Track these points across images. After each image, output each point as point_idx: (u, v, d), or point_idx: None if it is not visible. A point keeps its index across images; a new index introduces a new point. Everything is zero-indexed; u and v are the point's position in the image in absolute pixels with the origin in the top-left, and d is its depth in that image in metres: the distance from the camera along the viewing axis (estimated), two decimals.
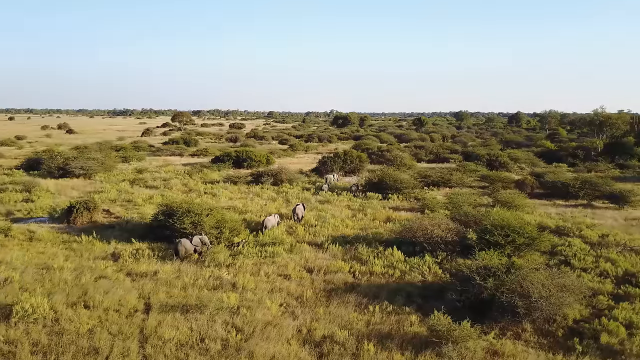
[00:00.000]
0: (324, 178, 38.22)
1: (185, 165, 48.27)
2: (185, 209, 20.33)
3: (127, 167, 46.23)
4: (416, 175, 39.45)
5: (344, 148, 74.90)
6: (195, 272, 16.81)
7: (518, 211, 25.97)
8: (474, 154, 53.41)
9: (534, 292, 12.72)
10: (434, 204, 26.99)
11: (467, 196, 28.45)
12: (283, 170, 36.85)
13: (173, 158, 57.68)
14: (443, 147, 60.31)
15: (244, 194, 32.11)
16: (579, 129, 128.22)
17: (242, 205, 27.77)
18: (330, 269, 17.01)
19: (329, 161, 42.00)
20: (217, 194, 31.37)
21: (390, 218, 24.88)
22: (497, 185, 35.78)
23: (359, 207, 27.74)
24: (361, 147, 61.85)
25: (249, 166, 46.49)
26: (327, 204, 28.84)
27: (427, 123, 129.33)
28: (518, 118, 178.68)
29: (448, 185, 36.29)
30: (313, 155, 64.54)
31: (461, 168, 43.04)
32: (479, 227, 19.74)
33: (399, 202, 29.75)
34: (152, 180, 37.43)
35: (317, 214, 25.67)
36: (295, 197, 30.70)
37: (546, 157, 54.68)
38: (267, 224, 22.09)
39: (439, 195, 33.10)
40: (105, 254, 18.85)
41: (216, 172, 43.19)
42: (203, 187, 34.05)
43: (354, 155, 43.26)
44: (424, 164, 52.79)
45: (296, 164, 52.27)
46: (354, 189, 32.89)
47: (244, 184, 36.10)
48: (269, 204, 28.71)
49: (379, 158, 53.12)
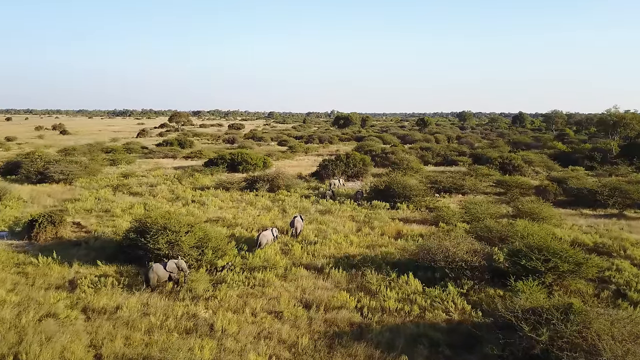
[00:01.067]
0: (327, 184, 35.07)
1: (177, 169, 45.16)
2: (161, 226, 17.17)
3: (114, 171, 43.09)
4: (425, 180, 36.34)
5: (345, 150, 71.81)
6: (167, 307, 13.64)
7: (545, 223, 22.88)
8: (485, 156, 50.19)
9: (605, 348, 9.55)
10: (450, 215, 23.79)
11: (485, 206, 25.25)
12: (280, 175, 33.69)
13: (165, 161, 54.54)
14: (450, 149, 57.08)
15: (235, 203, 28.93)
16: (586, 129, 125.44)
17: (232, 217, 24.59)
18: (332, 303, 13.83)
19: (330, 165, 38.83)
20: (205, 202, 28.21)
21: (401, 233, 21.69)
22: (515, 191, 32.62)
23: (365, 219, 24.57)
24: (364, 149, 58.64)
25: (244, 170, 43.34)
26: (328, 214, 25.67)
27: (430, 123, 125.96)
28: (522, 118, 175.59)
29: (460, 192, 33.12)
30: (313, 157, 61.38)
31: (473, 172, 39.86)
32: (509, 249, 16.56)
33: (409, 213, 26.55)
34: (137, 186, 34.29)
35: (317, 228, 22.50)
36: (293, 206, 27.52)
37: (560, 159, 51.46)
38: (262, 240, 18.96)
39: (452, 204, 29.97)
40: (62, 281, 15.70)
41: (208, 176, 40.09)
42: (191, 195, 30.89)
43: (357, 158, 40.10)
44: (431, 167, 49.60)
45: (295, 167, 49.13)
46: (359, 196, 29.73)
47: (237, 191, 32.95)
48: (262, 214, 25.54)
49: (383, 161, 49.96)
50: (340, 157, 39.65)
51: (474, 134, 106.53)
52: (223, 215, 24.78)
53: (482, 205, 25.10)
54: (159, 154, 59.00)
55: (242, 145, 72.68)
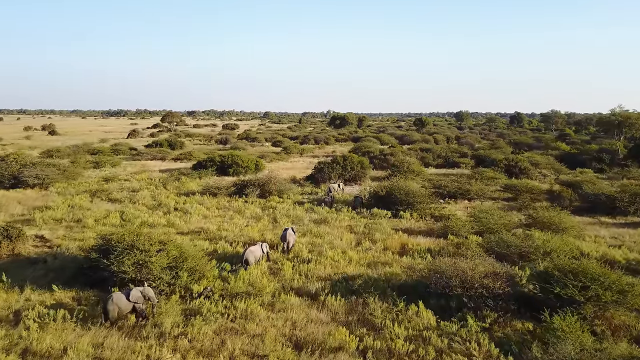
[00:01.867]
0: (327, 188, 32.55)
1: (164, 172, 42.62)
2: (128, 244, 14.65)
3: (96, 175, 40.47)
4: (427, 183, 33.96)
5: (342, 150, 69.39)
6: (125, 349, 11.14)
7: (564, 234, 20.53)
8: (488, 158, 47.83)
9: None
10: (459, 226, 21.33)
11: (497, 214, 22.83)
12: (272, 180, 31.17)
13: (153, 163, 51.93)
14: (451, 151, 54.69)
15: (222, 211, 26.41)
16: (586, 129, 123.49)
17: (217, 228, 22.06)
18: (328, 343, 11.35)
19: (325, 168, 36.35)
20: (189, 210, 25.67)
21: (406, 248, 19.22)
22: (525, 197, 30.28)
23: (364, 230, 22.09)
24: (361, 150, 56.17)
25: (234, 173, 40.81)
26: (324, 224, 23.18)
27: (428, 123, 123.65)
28: (520, 118, 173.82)
29: (467, 197, 30.71)
30: (309, 158, 58.93)
31: (478, 175, 37.45)
32: (536, 271, 14.14)
33: (414, 222, 24.09)
34: (118, 192, 31.72)
35: (311, 241, 20.01)
36: (285, 214, 25.00)
37: (566, 161, 49.15)
38: (250, 257, 16.49)
39: (459, 210, 27.58)
40: (6, 312, 13.17)
41: (196, 180, 37.56)
42: (175, 202, 28.34)
43: (355, 160, 37.63)
44: (432, 169, 47.23)
45: (289, 170, 46.65)
46: (357, 203, 27.28)
47: (225, 197, 30.44)
48: (251, 225, 23.02)
49: (381, 163, 47.54)
50: (337, 160, 37.17)
51: (472, 134, 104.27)
52: (206, 226, 22.24)
53: (494, 214, 22.67)
54: (147, 156, 56.39)
55: (234, 146, 70.12)
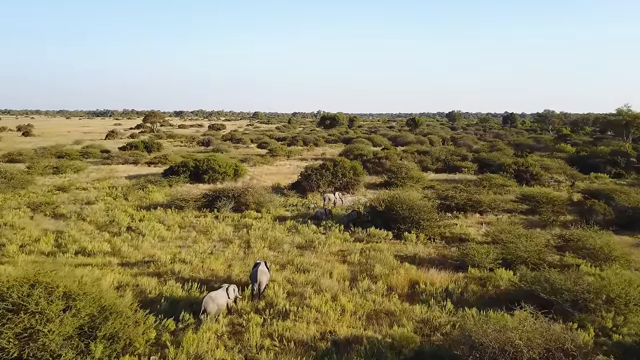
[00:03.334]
0: (322, 198, 27.98)
1: (132, 178, 37.68)
2: (14, 303, 9.83)
3: (52, 182, 35.42)
4: (430, 193, 29.52)
5: (332, 152, 64.75)
6: None
7: (614, 264, 16.13)
8: (492, 161, 43.46)
9: None
10: (481, 255, 16.68)
11: (522, 235, 18.34)
12: (249, 190, 26.40)
13: (123, 167, 46.87)
14: (451, 153, 50.23)
15: (185, 231, 21.61)
16: (582, 129, 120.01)
17: (172, 257, 17.27)
18: None
19: (313, 174, 31.65)
20: (143, 231, 20.84)
21: (418, 288, 14.56)
22: (546, 209, 25.89)
23: (361, 259, 17.39)
24: (353, 153, 51.55)
25: (210, 180, 35.99)
26: (309, 250, 18.48)
27: (421, 124, 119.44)
28: (513, 118, 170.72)
29: (478, 210, 26.20)
30: (296, 162, 54.19)
31: (486, 182, 33.02)
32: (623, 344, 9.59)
33: (421, 246, 19.43)
34: (68, 205, 26.82)
35: (290, 278, 15.27)
36: (261, 236, 20.20)
37: (576, 164, 44.81)
38: (210, 307, 11.95)
39: (471, 227, 23.09)
40: None
41: (165, 188, 32.74)
42: (130, 218, 23.49)
43: (346, 165, 32.94)
44: (431, 174, 42.72)
45: (274, 175, 41.93)
46: (351, 219, 22.66)
47: (193, 210, 25.67)
48: (217, 251, 18.25)
49: (376, 167, 42.97)
50: (326, 165, 32.47)
51: (468, 134, 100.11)
52: (158, 255, 17.41)
53: (520, 236, 18.14)
54: (118, 159, 51.25)
55: (216, 149, 65.19)
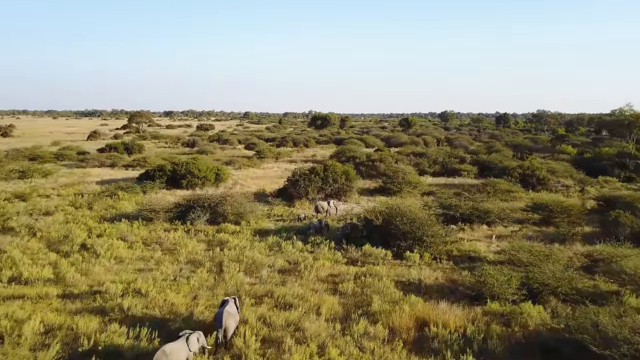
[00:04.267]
0: (314, 207, 25.02)
1: (105, 183, 34.38)
2: None
3: (13, 188, 32.07)
4: (431, 200, 26.67)
5: (323, 154, 61.71)
6: None
7: None
8: (495, 165, 40.73)
9: None
10: (500, 284, 13.69)
11: (550, 261, 15.47)
12: (228, 199, 23.29)
13: (98, 171, 43.53)
14: (449, 155, 47.36)
15: (149, 249, 18.48)
16: (577, 129, 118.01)
17: (125, 286, 14.12)
18: None
19: (301, 180, 28.63)
20: (99, 250, 17.67)
21: (427, 331, 11.57)
22: (562, 219, 23.11)
23: (355, 288, 14.33)
24: (345, 155, 48.64)
25: (188, 185, 32.86)
26: (294, 276, 15.42)
27: (414, 124, 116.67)
28: (506, 118, 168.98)
29: (485, 221, 23.30)
30: (285, 164, 51.10)
31: (490, 188, 30.18)
32: None
33: (426, 269, 16.43)
34: (23, 215, 23.60)
35: (267, 317, 12.19)
36: (236, 258, 17.07)
37: (582, 167, 42.14)
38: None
39: (479, 242, 20.22)
40: None
41: (138, 195, 29.60)
42: (88, 233, 20.30)
43: (338, 170, 29.92)
44: (428, 178, 39.83)
45: (259, 179, 38.85)
46: (346, 230, 19.70)
47: (164, 222, 22.56)
48: (181, 278, 15.13)
49: (369, 170, 40.06)
50: (316, 170, 29.43)
51: (462, 135, 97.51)
52: (110, 284, 14.28)
53: (548, 262, 15.24)
54: (94, 162, 47.82)
55: (201, 150, 61.94)
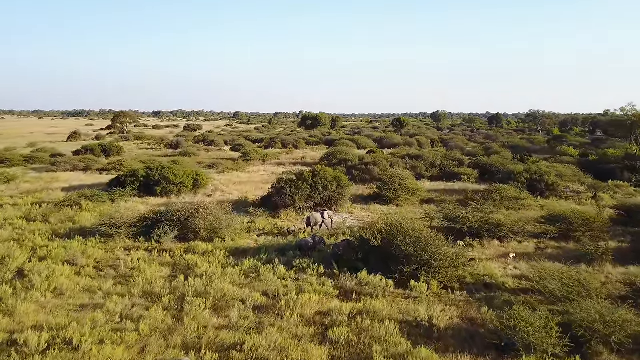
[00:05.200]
0: (305, 222, 22.02)
1: (73, 190, 31.03)
2: None
3: None
4: (429, 207, 23.81)
5: (313, 156, 58.62)
6: None
7: None
8: (498, 168, 37.95)
9: None
10: (539, 334, 10.66)
11: (595, 295, 12.56)
12: (201, 211, 20.10)
13: (69, 175, 40.12)
14: (447, 158, 44.45)
15: (100, 277, 15.28)
16: (571, 129, 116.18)
17: (53, 334, 10.93)
18: None
19: (287, 187, 25.53)
20: (35, 279, 14.43)
21: None
22: (583, 233, 20.28)
23: (350, 336, 11.27)
24: (336, 157, 45.64)
25: (163, 192, 29.66)
26: (272, 315, 12.33)
27: (407, 124, 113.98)
28: (499, 118, 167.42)
29: (497, 236, 20.38)
30: (272, 167, 47.96)
31: (496, 195, 27.30)
32: None
33: (436, 303, 13.41)
34: None
35: None
36: (202, 289, 13.84)
37: (588, 170, 39.48)
38: None
39: (492, 262, 17.28)
40: None
41: (105, 205, 26.40)
42: (27, 256, 17.03)
43: (328, 176, 26.83)
44: (426, 182, 36.90)
45: (243, 184, 35.73)
46: (337, 251, 16.67)
47: (126, 238, 19.38)
48: (129, 321, 11.93)
49: (362, 175, 37.06)
50: (304, 176, 26.33)
51: (456, 135, 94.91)
52: (27, 335, 11.06)
53: (591, 298, 12.32)
54: (66, 166, 44.31)
55: (185, 152, 58.63)
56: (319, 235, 19.15)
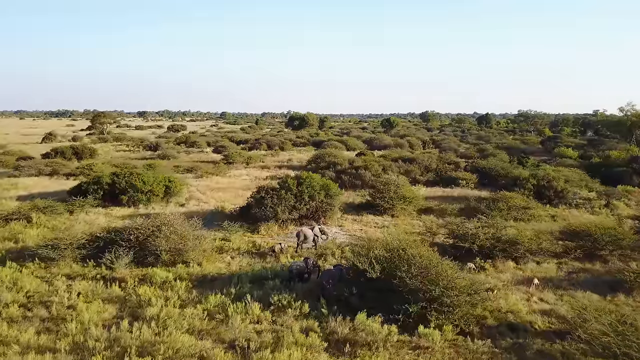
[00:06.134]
0: (296, 236, 18.83)
1: (33, 198, 27.52)
2: None
3: None
4: (429, 218, 20.94)
5: (300, 158, 55.53)
6: None
7: None
8: (498, 173, 35.23)
9: None
10: None
11: None
12: (164, 229, 16.86)
13: (32, 181, 36.57)
14: (443, 161, 41.58)
15: (25, 321, 12.05)
16: (562, 130, 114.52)
17: None
18: None
19: (268, 197, 22.38)
20: None
21: None
22: (610, 250, 17.50)
23: None
24: (324, 160, 42.56)
25: (130, 201, 26.40)
26: None
27: (397, 124, 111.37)
28: (488, 119, 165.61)
29: (511, 256, 17.49)
30: (256, 171, 44.80)
31: (503, 204, 24.42)
32: None
33: (453, 355, 10.46)
34: None
35: None
36: (149, 344, 10.71)
37: (594, 174, 36.87)
38: None
39: (513, 295, 14.32)
40: None
41: (59, 218, 23.09)
42: None
43: (316, 184, 23.71)
44: (421, 188, 34.01)
45: (223, 191, 32.59)
46: (326, 283, 13.61)
47: (74, 263, 16.14)
48: None
49: (353, 180, 34.10)
50: (287, 184, 23.20)
51: (447, 136, 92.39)
52: None
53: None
54: (30, 170, 40.66)
55: (163, 154, 55.18)
56: (313, 259, 16.04)
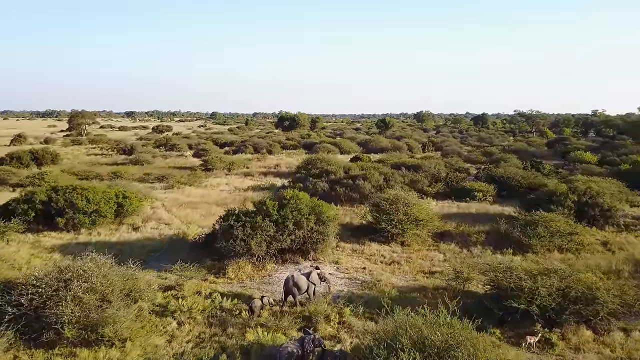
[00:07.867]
0: (277, 286, 13.72)
1: None
2: None
3: None
4: (450, 247, 15.59)
5: (289, 163, 49.89)
6: None
7: None
8: (519, 184, 29.92)
9: None
10: None
11: None
12: (74, 284, 11.26)
13: None
14: (454, 169, 36.00)
15: None
16: (563, 130, 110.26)
17: None
18: None
19: (239, 225, 16.74)
20: None
21: None
22: None
23: None
24: (316, 166, 36.94)
25: (69, 225, 20.75)
26: None
27: (392, 125, 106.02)
28: (484, 119, 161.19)
29: (587, 321, 12.05)
30: (237, 179, 39.20)
31: (543, 230, 19.00)
32: None
33: None
34: None
35: None
36: None
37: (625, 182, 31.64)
38: None
39: None
40: None
41: None
42: None
43: (304, 207, 18.08)
44: (432, 202, 28.60)
45: (193, 206, 27.05)
46: None
47: None
48: None
49: (349, 192, 28.59)
50: (266, 207, 17.54)
51: (447, 137, 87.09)
52: None
53: None
54: None
55: (137, 159, 49.28)
56: (315, 335, 10.50)
